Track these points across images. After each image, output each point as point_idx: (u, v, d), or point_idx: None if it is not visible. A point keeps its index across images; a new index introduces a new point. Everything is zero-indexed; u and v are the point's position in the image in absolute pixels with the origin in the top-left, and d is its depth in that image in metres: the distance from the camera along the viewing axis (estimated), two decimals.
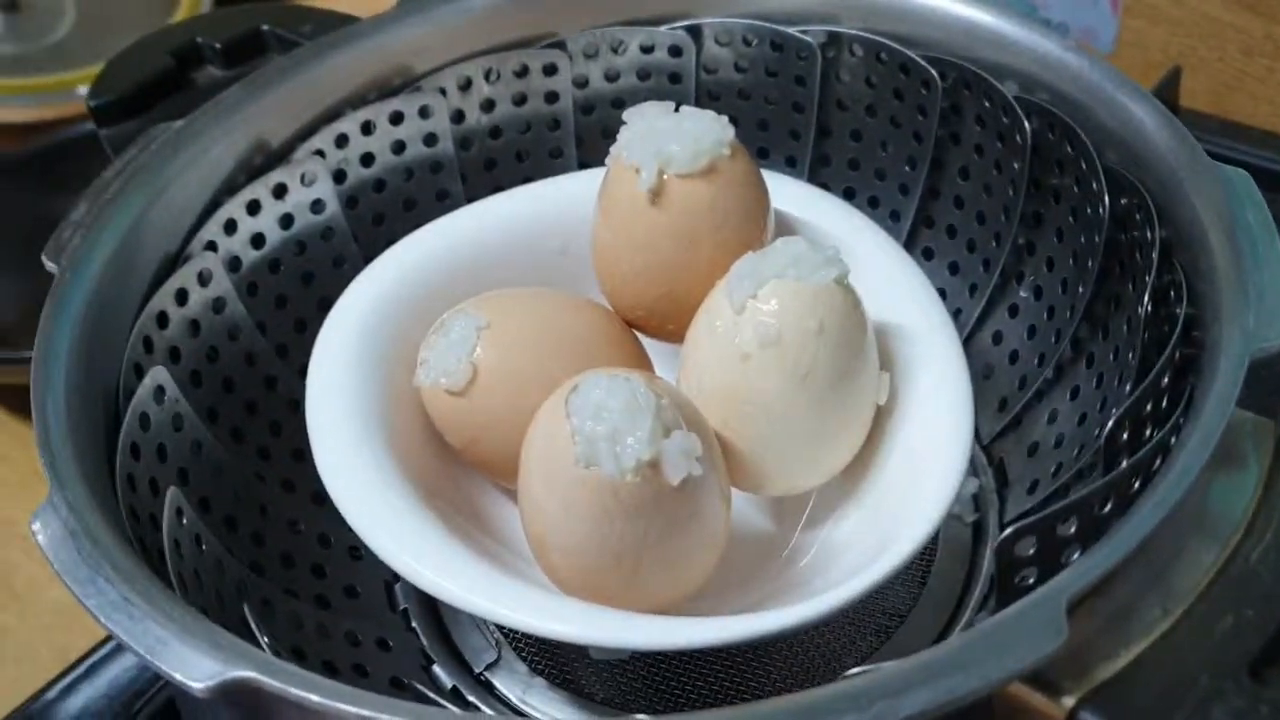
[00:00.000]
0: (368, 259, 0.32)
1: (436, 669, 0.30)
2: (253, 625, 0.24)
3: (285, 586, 0.29)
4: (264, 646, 0.23)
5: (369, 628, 0.30)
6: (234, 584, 0.26)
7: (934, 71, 0.33)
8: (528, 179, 0.36)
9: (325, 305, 0.31)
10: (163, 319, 0.30)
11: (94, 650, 0.38)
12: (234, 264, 0.32)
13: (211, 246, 0.31)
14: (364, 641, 0.29)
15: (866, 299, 0.28)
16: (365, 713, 0.18)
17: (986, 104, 0.32)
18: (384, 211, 0.35)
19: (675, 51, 0.35)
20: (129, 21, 0.72)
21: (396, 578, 0.32)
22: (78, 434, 0.25)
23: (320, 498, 0.30)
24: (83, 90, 0.67)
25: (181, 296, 0.30)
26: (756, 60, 0.35)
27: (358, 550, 0.31)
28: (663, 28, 0.35)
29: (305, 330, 0.33)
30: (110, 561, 0.21)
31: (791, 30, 0.34)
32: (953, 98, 0.33)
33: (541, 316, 0.29)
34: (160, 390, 0.28)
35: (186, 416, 0.29)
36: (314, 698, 0.19)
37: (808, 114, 0.35)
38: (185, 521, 0.26)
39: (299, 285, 0.33)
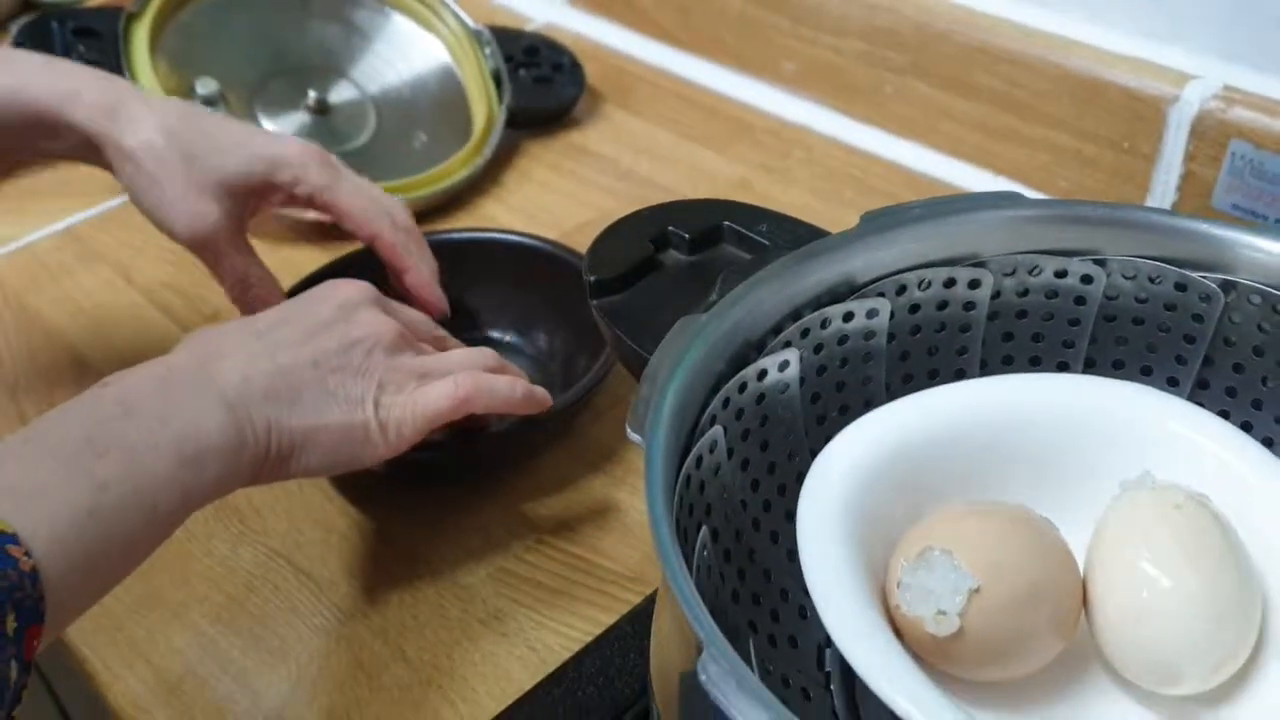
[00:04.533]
0: (808, 433, 0.38)
1: None
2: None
3: (750, 620, 0.35)
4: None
5: (798, 677, 0.35)
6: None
7: None
8: (933, 371, 0.42)
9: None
10: (698, 464, 0.35)
11: None
12: (726, 429, 0.37)
13: (711, 420, 0.37)
14: (792, 685, 0.35)
15: (1259, 516, 0.34)
16: None
17: None
18: (821, 392, 0.41)
19: (1086, 280, 0.41)
20: (426, 137, 0.80)
21: (828, 643, 0.37)
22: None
23: (792, 555, 0.36)
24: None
25: (698, 460, 0.36)
26: (1157, 295, 0.41)
27: (805, 610, 0.37)
28: (1075, 260, 0.41)
29: (785, 492, 0.39)
30: (766, 708, 0.26)
31: (1197, 275, 0.40)
32: None
33: (1030, 579, 0.34)
34: (702, 545, 0.34)
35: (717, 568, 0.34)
36: None
37: (1198, 345, 0.40)
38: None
39: (763, 447, 0.39)
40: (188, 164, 0.54)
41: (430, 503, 0.56)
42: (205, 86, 0.76)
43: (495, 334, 0.63)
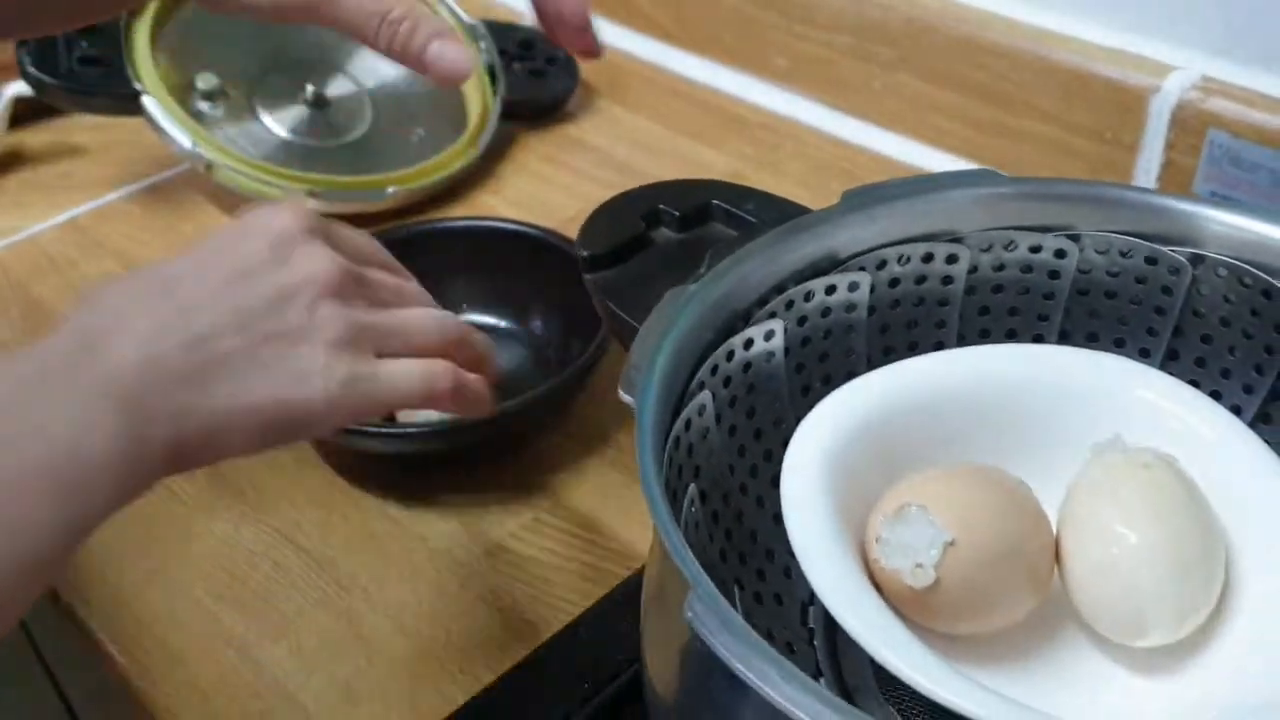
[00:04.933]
0: (792, 401, 0.40)
1: (821, 682, 0.37)
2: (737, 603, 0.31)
3: (736, 577, 0.37)
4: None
5: (783, 633, 0.37)
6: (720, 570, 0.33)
7: None
8: (912, 343, 0.43)
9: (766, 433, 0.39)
10: (687, 427, 0.37)
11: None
12: (714, 395, 0.39)
13: (700, 386, 0.38)
14: (776, 640, 0.36)
15: (1225, 478, 0.35)
16: None
17: None
18: (805, 362, 0.42)
19: (1060, 254, 0.42)
20: (423, 130, 0.82)
21: (812, 601, 0.39)
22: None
23: (778, 519, 0.37)
24: (391, 190, 0.77)
25: (687, 423, 0.37)
26: (1129, 269, 0.42)
27: (789, 570, 0.39)
28: (1049, 235, 0.42)
29: (771, 458, 0.40)
30: (750, 645, 0.28)
31: (1167, 249, 0.41)
32: None
33: (1003, 535, 0.35)
34: (690, 502, 0.35)
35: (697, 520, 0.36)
36: None
37: (1167, 317, 0.42)
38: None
39: (749, 414, 0.40)
40: None
41: (429, 483, 0.57)
42: (205, 81, 0.77)
43: (491, 319, 0.65)
